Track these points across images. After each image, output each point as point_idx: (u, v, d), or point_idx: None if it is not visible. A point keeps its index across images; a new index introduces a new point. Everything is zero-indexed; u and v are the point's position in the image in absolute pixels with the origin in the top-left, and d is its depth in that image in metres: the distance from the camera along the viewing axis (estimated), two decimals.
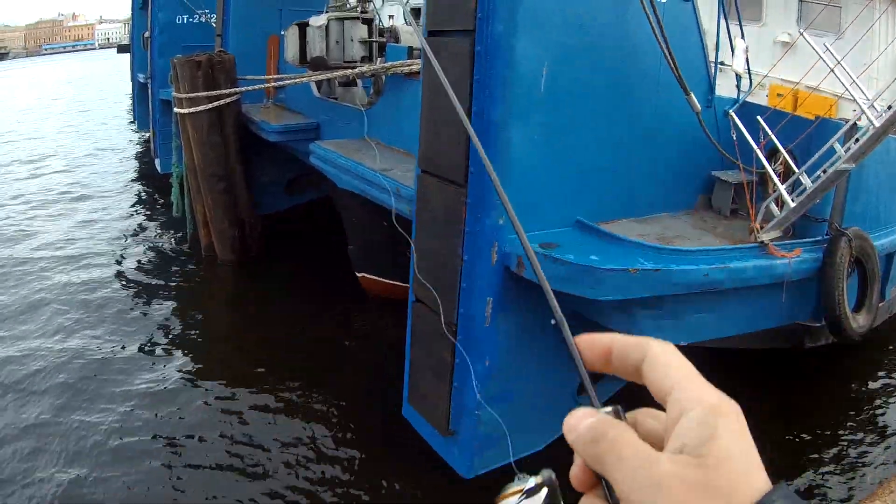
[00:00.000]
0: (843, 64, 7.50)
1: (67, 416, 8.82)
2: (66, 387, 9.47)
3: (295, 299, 12.44)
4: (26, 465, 7.90)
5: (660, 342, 0.94)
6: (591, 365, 0.99)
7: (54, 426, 8.64)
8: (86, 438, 8.37)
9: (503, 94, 6.04)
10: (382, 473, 7.88)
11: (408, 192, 8.11)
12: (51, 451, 8.15)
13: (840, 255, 7.62)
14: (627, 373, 0.95)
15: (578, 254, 6.10)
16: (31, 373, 9.88)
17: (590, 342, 1.00)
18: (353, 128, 11.24)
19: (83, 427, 8.59)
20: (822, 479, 7.74)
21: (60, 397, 9.21)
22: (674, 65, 6.71)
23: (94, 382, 9.53)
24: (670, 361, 0.91)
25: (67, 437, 8.42)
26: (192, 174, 13.27)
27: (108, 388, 9.37)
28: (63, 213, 17.87)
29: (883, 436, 8.52)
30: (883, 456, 8.14)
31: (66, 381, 9.63)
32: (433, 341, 7.05)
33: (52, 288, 12.79)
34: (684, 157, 7.97)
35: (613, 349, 0.97)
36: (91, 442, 8.30)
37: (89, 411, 8.95)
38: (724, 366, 8.77)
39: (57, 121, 33.20)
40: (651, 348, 0.93)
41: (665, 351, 0.92)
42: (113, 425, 8.61)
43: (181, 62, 12.41)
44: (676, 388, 0.87)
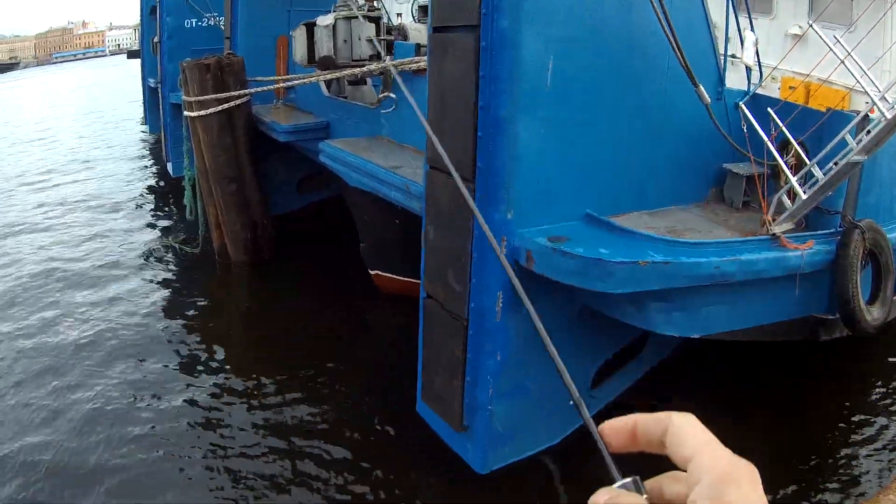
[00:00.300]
0: (855, 56, 7.43)
1: (80, 405, 9.00)
2: (74, 378, 9.66)
3: (308, 298, 12.45)
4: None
5: (679, 415, 1.03)
6: (618, 448, 1.09)
7: (65, 412, 8.83)
8: (96, 426, 8.55)
9: (509, 89, 6.02)
10: (394, 470, 7.87)
11: (417, 189, 8.10)
12: (61, 438, 8.34)
13: (854, 247, 7.57)
14: (653, 447, 1.05)
15: (588, 247, 6.08)
16: (38, 361, 10.16)
17: (613, 428, 1.10)
18: (363, 126, 11.25)
19: (98, 415, 8.78)
20: (833, 473, 7.68)
21: (70, 386, 9.40)
22: (681, 56, 6.66)
23: (101, 384, 9.58)
24: (689, 432, 1.00)
25: (78, 423, 8.60)
26: (204, 177, 13.29)
27: (116, 389, 9.43)
28: (77, 217, 17.93)
29: (881, 437, 8.41)
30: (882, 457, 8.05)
31: (74, 374, 9.81)
32: (445, 337, 7.05)
33: (63, 290, 12.86)
34: (694, 150, 7.93)
35: (637, 429, 1.07)
36: (100, 430, 8.47)
37: (100, 400, 9.12)
38: (734, 359, 8.96)
39: (69, 127, 33.36)
40: (672, 422, 1.03)
41: (684, 423, 1.02)
42: (122, 419, 8.72)
43: (190, 66, 12.42)
44: (696, 456, 0.97)
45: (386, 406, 8.98)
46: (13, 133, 31.73)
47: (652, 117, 7.28)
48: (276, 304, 12.38)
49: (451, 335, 6.90)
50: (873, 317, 7.96)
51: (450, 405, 7.13)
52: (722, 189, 8.42)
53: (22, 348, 10.73)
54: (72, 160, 25.33)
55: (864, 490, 7.49)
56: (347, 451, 8.17)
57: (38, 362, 10.26)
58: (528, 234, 6.24)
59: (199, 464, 8.03)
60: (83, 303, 12.36)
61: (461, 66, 6.23)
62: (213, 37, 16.58)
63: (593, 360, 7.72)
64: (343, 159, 10.12)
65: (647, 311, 6.64)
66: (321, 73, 11.76)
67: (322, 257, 14.05)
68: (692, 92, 7.02)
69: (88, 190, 20.78)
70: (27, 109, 37.81)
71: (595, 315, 6.95)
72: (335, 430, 8.57)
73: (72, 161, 25.15)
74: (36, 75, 53.61)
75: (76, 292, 12.85)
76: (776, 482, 7.34)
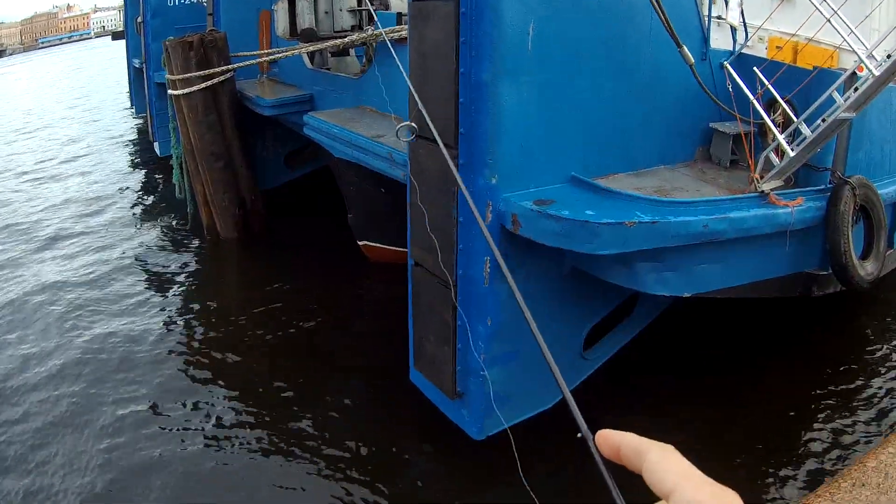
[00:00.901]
0: (842, 14, 7.39)
1: (69, 389, 8.98)
2: (68, 362, 9.61)
3: (298, 272, 12.46)
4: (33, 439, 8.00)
5: (658, 448, 1.03)
6: (608, 456, 1.11)
7: (56, 400, 8.78)
8: (89, 411, 8.50)
9: (490, 54, 5.97)
10: (387, 437, 7.91)
11: (401, 157, 8.07)
12: (56, 424, 8.32)
13: (844, 202, 7.57)
14: (636, 470, 1.04)
15: (574, 209, 6.05)
16: (32, 350, 10.08)
17: (603, 439, 1.12)
18: (347, 97, 11.21)
19: (86, 399, 8.75)
20: (811, 438, 7.71)
21: (63, 372, 9.35)
22: (664, 17, 6.64)
23: (97, 361, 9.60)
24: (667, 467, 0.99)
25: (71, 409, 8.57)
26: (191, 155, 13.23)
27: (112, 366, 9.45)
28: (66, 201, 17.85)
29: (873, 394, 8.44)
30: (874, 412, 8.08)
31: (68, 357, 9.76)
32: (434, 304, 7.05)
33: (57, 272, 12.84)
34: (680, 110, 7.90)
35: (621, 450, 1.08)
36: (91, 415, 8.42)
37: (94, 385, 9.08)
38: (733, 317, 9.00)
39: (56, 113, 33.21)
40: (648, 456, 1.02)
41: (662, 458, 1.01)
42: (114, 401, 8.69)
43: (173, 44, 12.33)
44: (676, 491, 0.95)
45: (378, 375, 9.01)
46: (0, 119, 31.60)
47: (636, 78, 7.24)
48: (267, 278, 12.35)
49: (440, 302, 6.89)
50: (867, 271, 7.98)
51: (443, 372, 7.14)
52: (709, 148, 8.40)
53: (5, 327, 10.73)
54: (59, 145, 25.21)
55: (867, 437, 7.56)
56: (340, 422, 8.20)
57: (24, 341, 10.28)
58: (513, 199, 6.20)
59: (186, 434, 8.08)
60: (70, 282, 12.35)
61: (442, 32, 6.19)
62: (196, 14, 16.52)
63: (584, 322, 7.70)
64: (327, 131, 10.07)
65: (637, 271, 6.62)
66: (304, 45, 11.69)
67: (311, 230, 14.09)
68: (677, 52, 6.99)
69: (76, 173, 20.70)
70: (14, 97, 37.63)
71: (585, 277, 6.94)
72: (327, 401, 8.60)
73: (59, 146, 25.02)
74: (23, 62, 53.20)
75: (64, 272, 12.84)
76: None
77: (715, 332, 9.28)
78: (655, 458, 1.01)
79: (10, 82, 41.12)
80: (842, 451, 7.41)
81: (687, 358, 8.81)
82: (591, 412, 6.86)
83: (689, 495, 0.93)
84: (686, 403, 8.11)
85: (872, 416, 7.95)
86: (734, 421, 7.83)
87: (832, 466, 7.18)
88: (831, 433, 7.68)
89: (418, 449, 7.80)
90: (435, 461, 7.65)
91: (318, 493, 7.19)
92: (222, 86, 12.75)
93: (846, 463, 7.18)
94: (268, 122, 13.43)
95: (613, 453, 1.09)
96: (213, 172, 13.01)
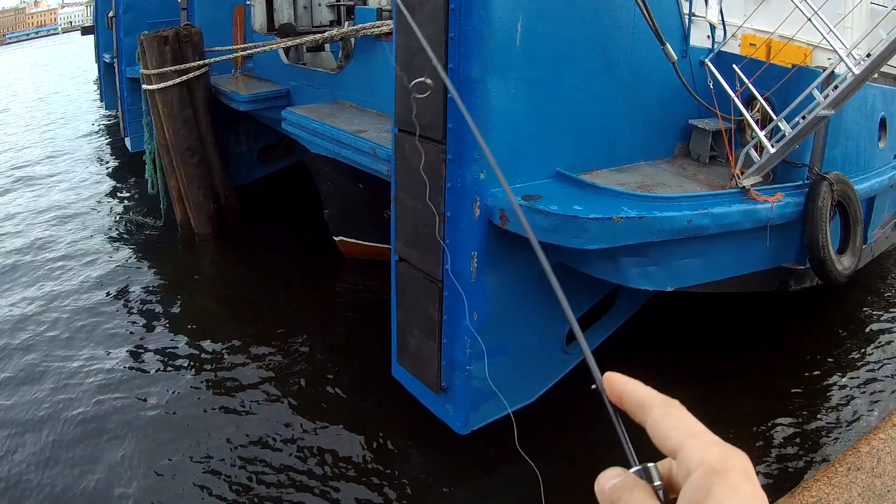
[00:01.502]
0: (821, 14, 7.48)
1: (39, 390, 8.88)
2: (37, 363, 9.50)
3: (273, 267, 12.47)
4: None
5: (664, 403, 1.00)
6: (612, 401, 1.06)
7: (27, 400, 8.69)
8: (64, 413, 8.39)
9: (479, 50, 6.00)
10: (368, 434, 7.90)
11: (384, 153, 8.07)
12: (22, 427, 8.20)
13: (822, 198, 7.68)
14: (639, 422, 1.01)
15: (562, 204, 6.08)
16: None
17: (608, 383, 1.07)
18: (324, 93, 11.17)
19: (61, 403, 8.60)
20: (807, 424, 7.82)
21: (32, 374, 9.23)
22: (648, 15, 6.70)
23: (71, 361, 9.49)
24: (672, 423, 0.96)
25: (43, 412, 8.46)
26: (165, 150, 13.13)
27: (85, 366, 9.34)
28: (35, 197, 17.67)
29: (867, 380, 8.60)
30: (867, 399, 8.23)
31: (39, 359, 9.64)
32: (419, 299, 7.05)
33: (27, 270, 12.69)
34: (662, 107, 7.96)
35: (623, 398, 1.04)
36: (70, 417, 8.30)
37: (67, 388, 8.96)
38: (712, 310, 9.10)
39: (22, 107, 32.88)
40: (652, 413, 0.99)
41: (667, 413, 0.98)
42: (90, 402, 8.59)
43: (148, 39, 12.24)
44: (682, 449, 0.92)
45: (356, 371, 9.03)
46: None
47: (619, 75, 7.28)
48: (242, 274, 12.35)
49: (425, 297, 6.90)
50: (844, 266, 8.11)
51: (427, 367, 7.14)
52: (688, 144, 8.47)
53: None
54: (27, 140, 24.94)
55: (854, 427, 7.68)
56: (320, 418, 8.18)
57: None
58: (500, 194, 6.22)
59: (163, 427, 8.06)
60: (42, 278, 12.26)
61: (430, 27, 6.19)
62: (169, 8, 16.33)
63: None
64: (307, 126, 10.02)
65: (621, 266, 6.67)
66: (281, 40, 11.65)
67: (285, 226, 14.09)
68: (658, 50, 7.08)
69: (45, 169, 20.45)
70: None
71: (569, 272, 6.97)
72: (306, 398, 8.60)
73: (27, 141, 24.75)
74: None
75: (36, 270, 12.71)
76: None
77: (697, 324, 9.38)
78: (661, 413, 0.98)
79: None
80: (831, 438, 7.55)
81: (669, 348, 8.92)
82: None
83: (696, 455, 0.90)
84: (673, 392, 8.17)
85: (861, 403, 8.12)
86: (724, 407, 7.94)
87: (822, 452, 7.32)
88: (822, 420, 7.84)
89: (401, 444, 7.80)
90: (420, 455, 7.67)
91: (297, 488, 7.20)
92: (197, 81, 12.69)
93: (836, 448, 7.34)
94: (241, 118, 13.36)
95: (616, 399, 1.05)
96: (187, 168, 12.93)
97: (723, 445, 0.91)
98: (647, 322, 8.84)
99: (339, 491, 7.11)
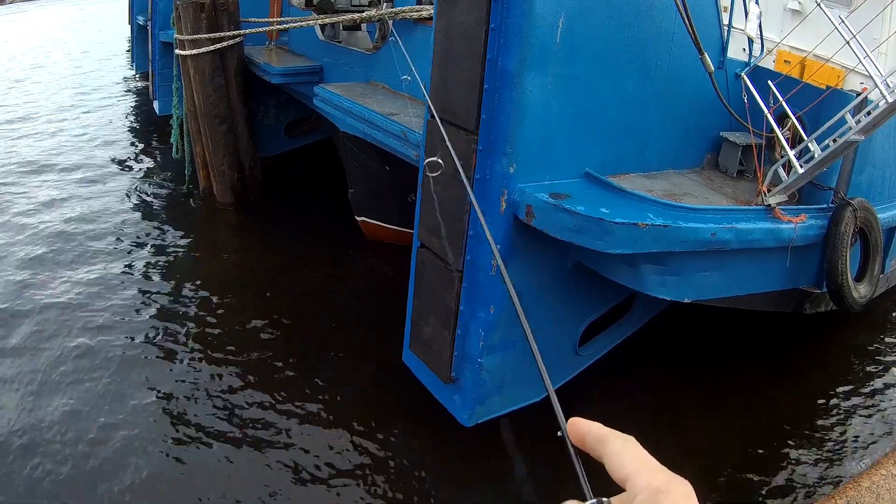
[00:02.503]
0: (858, 38, 7.47)
1: (58, 354, 8.90)
2: (60, 329, 9.49)
3: (292, 242, 12.45)
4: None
5: (620, 438, 1.10)
6: (576, 443, 1.16)
7: (45, 366, 8.69)
8: (84, 382, 8.39)
9: (519, 43, 5.98)
10: (374, 417, 7.93)
11: (415, 138, 8.08)
12: (45, 393, 8.21)
13: (845, 223, 7.68)
14: (598, 458, 1.11)
15: (589, 205, 6.08)
16: (21, 298, 10.09)
17: (573, 427, 1.17)
18: (357, 72, 11.16)
19: (79, 371, 8.62)
20: (807, 455, 7.80)
21: (55, 340, 9.22)
22: (689, 24, 6.68)
23: (91, 329, 9.51)
24: (625, 456, 1.06)
25: (63, 379, 8.49)
26: (193, 116, 13.18)
27: (104, 332, 9.37)
28: (59, 154, 17.65)
29: (873, 410, 8.57)
30: (870, 431, 8.20)
31: (50, 312, 9.75)
32: (437, 287, 7.06)
33: (49, 231, 12.67)
34: (694, 116, 7.95)
35: (585, 438, 1.14)
36: (86, 387, 8.30)
37: (73, 338, 9.13)
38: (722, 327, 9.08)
39: (55, 63, 32.84)
40: (609, 445, 1.09)
41: (623, 447, 1.08)
42: (106, 368, 8.62)
43: (185, 4, 12.25)
44: (631, 478, 1.02)
45: (367, 353, 9.06)
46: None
47: (656, 81, 7.27)
48: (261, 246, 12.37)
49: (444, 286, 6.90)
50: (860, 293, 8.10)
51: (439, 356, 7.16)
52: (717, 156, 8.47)
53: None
54: (56, 97, 24.87)
55: (854, 460, 7.67)
56: (326, 398, 8.23)
57: (21, 299, 10.22)
58: (528, 189, 6.22)
59: (177, 410, 8.04)
60: (63, 240, 12.23)
61: (471, 17, 6.18)
62: None
63: (582, 317, 7.74)
64: (339, 104, 10.02)
65: (641, 272, 6.66)
66: (319, 16, 11.64)
67: (307, 201, 14.12)
68: (696, 58, 7.04)
69: (72, 127, 20.40)
70: (10, 46, 37.17)
71: (587, 273, 6.98)
72: (314, 377, 8.62)
73: (56, 98, 24.68)
74: (23, 11, 52.65)
75: (57, 229, 12.71)
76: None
77: (700, 340, 9.38)
78: (617, 447, 1.08)
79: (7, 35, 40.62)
80: (831, 470, 7.53)
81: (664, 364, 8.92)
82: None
83: (643, 481, 1.00)
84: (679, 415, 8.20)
85: (865, 436, 8.09)
86: (725, 431, 7.94)
87: (822, 482, 7.31)
88: (823, 451, 7.80)
89: (404, 431, 7.82)
90: (419, 444, 7.69)
91: (302, 466, 7.24)
92: (231, 50, 12.72)
93: (837, 480, 7.32)
94: (271, 90, 13.37)
95: (580, 441, 1.15)
96: (214, 135, 12.97)
97: (669, 473, 1.02)
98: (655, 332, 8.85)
99: (333, 475, 7.16)
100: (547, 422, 1.35)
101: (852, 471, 7.46)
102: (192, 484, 6.98)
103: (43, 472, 6.95)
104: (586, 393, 8.01)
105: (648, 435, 0.99)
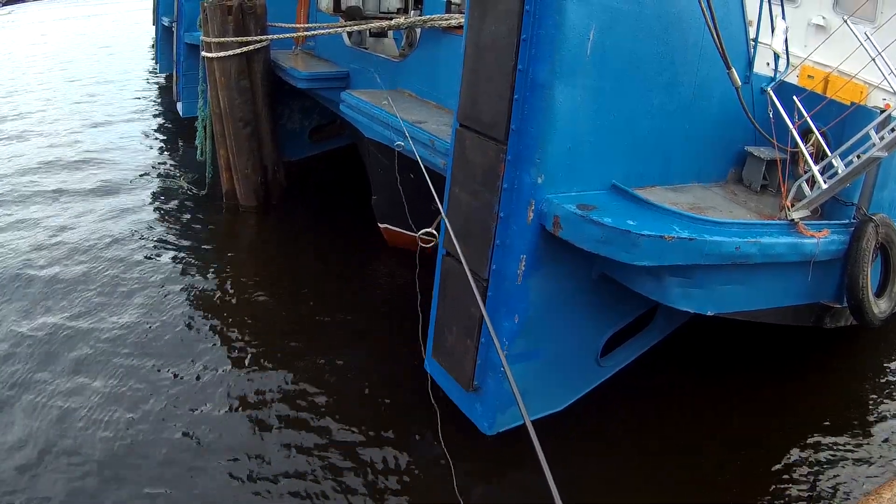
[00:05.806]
0: (884, 54, 7.51)
1: (75, 341, 9.15)
2: (72, 312, 9.78)
3: (314, 246, 12.57)
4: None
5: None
6: None
7: (58, 347, 8.97)
8: (112, 387, 8.45)
9: (550, 54, 6.02)
10: (391, 422, 8.01)
11: (442, 146, 8.13)
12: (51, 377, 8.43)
13: (867, 239, 7.72)
14: None
15: (616, 217, 6.13)
16: (42, 294, 10.29)
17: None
18: (384, 79, 11.20)
19: (91, 352, 8.90)
20: (819, 473, 7.80)
21: (76, 337, 9.34)
22: (718, 38, 6.70)
23: (102, 315, 9.75)
24: None
25: (70, 361, 8.74)
26: (218, 118, 13.27)
27: (125, 333, 9.47)
28: (81, 152, 17.74)
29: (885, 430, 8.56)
30: (882, 452, 8.17)
31: (74, 310, 9.92)
32: (462, 296, 7.09)
33: (68, 227, 12.84)
34: (719, 130, 7.99)
35: None
36: (108, 390, 8.38)
37: (94, 338, 9.24)
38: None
39: (78, 61, 32.95)
40: None
41: None
42: (126, 368, 8.73)
43: (212, 7, 12.36)
44: None
45: (386, 359, 9.13)
46: (19, 68, 31.25)
47: (683, 95, 7.31)
48: (282, 250, 12.45)
49: (469, 295, 6.90)
50: (880, 309, 8.12)
51: (462, 364, 7.21)
52: (741, 171, 8.50)
53: (26, 283, 10.76)
54: (78, 96, 24.96)
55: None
56: (345, 402, 8.33)
57: (42, 295, 10.34)
58: (556, 200, 6.27)
59: (195, 400, 8.21)
60: (86, 240, 12.32)
61: (503, 27, 6.22)
62: None
63: (605, 328, 7.80)
64: (366, 111, 10.08)
65: (665, 284, 6.70)
66: (346, 23, 11.70)
67: (329, 206, 14.17)
68: (722, 73, 7.06)
69: (95, 128, 20.47)
70: (28, 44, 37.34)
71: (611, 285, 7.02)
72: (333, 381, 8.72)
73: (78, 97, 24.79)
74: (38, 8, 52.72)
75: (79, 228, 12.83)
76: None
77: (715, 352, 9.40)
78: None
79: (25, 34, 40.75)
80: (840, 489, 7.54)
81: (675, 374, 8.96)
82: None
83: None
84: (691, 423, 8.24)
85: (876, 456, 8.06)
86: (738, 444, 7.96)
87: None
88: (833, 469, 7.79)
89: (421, 437, 7.84)
90: (435, 450, 7.72)
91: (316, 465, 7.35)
92: (257, 53, 12.83)
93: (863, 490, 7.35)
94: (297, 95, 13.46)
95: None
96: (239, 138, 13.07)
97: None
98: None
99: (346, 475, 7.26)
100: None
101: (875, 482, 7.46)
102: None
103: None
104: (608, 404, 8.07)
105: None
